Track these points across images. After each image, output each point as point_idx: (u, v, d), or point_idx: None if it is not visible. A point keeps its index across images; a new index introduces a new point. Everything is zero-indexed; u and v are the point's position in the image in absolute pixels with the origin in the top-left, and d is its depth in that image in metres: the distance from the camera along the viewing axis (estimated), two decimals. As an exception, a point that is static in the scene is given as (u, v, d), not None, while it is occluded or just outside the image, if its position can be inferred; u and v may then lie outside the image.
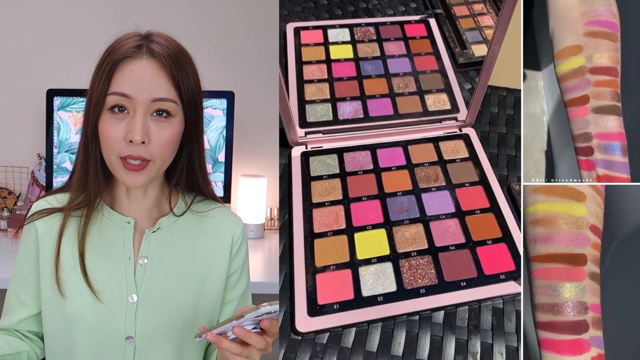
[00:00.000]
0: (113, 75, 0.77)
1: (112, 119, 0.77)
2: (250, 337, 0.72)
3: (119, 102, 0.77)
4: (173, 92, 0.79)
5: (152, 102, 0.77)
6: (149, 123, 0.78)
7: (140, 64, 0.78)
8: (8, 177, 1.77)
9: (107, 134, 0.77)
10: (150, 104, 0.77)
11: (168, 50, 0.79)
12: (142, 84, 0.77)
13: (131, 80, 0.77)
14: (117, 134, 0.77)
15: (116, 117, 0.77)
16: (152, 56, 0.78)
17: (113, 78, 0.77)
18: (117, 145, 0.77)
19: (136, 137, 0.76)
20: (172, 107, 0.79)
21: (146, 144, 0.77)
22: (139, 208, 0.85)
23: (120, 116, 0.77)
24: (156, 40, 0.80)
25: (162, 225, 0.86)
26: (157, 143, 0.78)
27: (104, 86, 0.77)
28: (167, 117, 0.79)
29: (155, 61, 0.78)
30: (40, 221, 0.84)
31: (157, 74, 0.78)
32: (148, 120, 0.78)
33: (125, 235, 0.84)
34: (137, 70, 0.77)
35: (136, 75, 0.77)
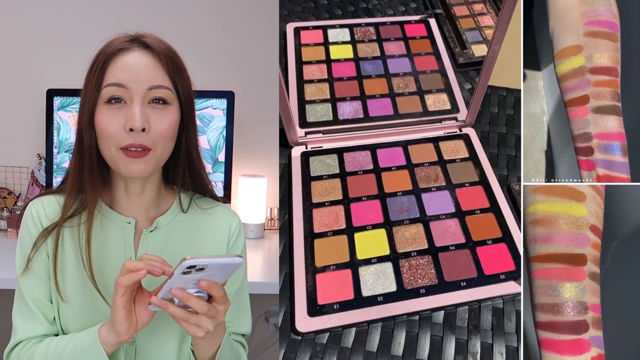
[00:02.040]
0: (107, 68, 0.78)
1: (109, 110, 0.77)
2: (189, 299, 0.70)
3: (115, 93, 0.77)
4: (168, 80, 0.80)
5: (148, 90, 0.78)
6: (147, 111, 0.78)
7: (133, 55, 0.79)
8: (8, 177, 1.77)
9: (105, 125, 0.77)
10: (147, 92, 0.78)
11: (160, 44, 0.81)
12: (137, 73, 0.78)
13: (126, 70, 0.78)
14: (116, 124, 0.77)
15: (113, 108, 0.77)
16: (145, 47, 0.79)
17: (107, 70, 0.78)
18: (117, 135, 0.77)
19: (136, 124, 0.76)
20: (168, 95, 0.79)
21: (146, 131, 0.77)
22: (137, 207, 0.85)
23: (117, 107, 0.77)
24: (148, 37, 0.81)
25: (159, 224, 0.86)
26: (157, 130, 0.78)
27: (98, 80, 0.78)
28: (164, 104, 0.79)
29: (149, 52, 0.79)
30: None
31: (152, 64, 0.79)
32: (146, 108, 0.78)
33: (126, 235, 0.84)
34: (131, 61, 0.78)
35: (130, 66, 0.78)
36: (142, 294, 0.75)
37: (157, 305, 0.71)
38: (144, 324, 0.75)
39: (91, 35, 0.82)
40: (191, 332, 0.72)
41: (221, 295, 0.72)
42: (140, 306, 0.75)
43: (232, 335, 0.87)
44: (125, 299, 0.73)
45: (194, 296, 0.70)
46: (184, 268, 0.67)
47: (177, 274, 0.67)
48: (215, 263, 0.68)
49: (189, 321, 0.71)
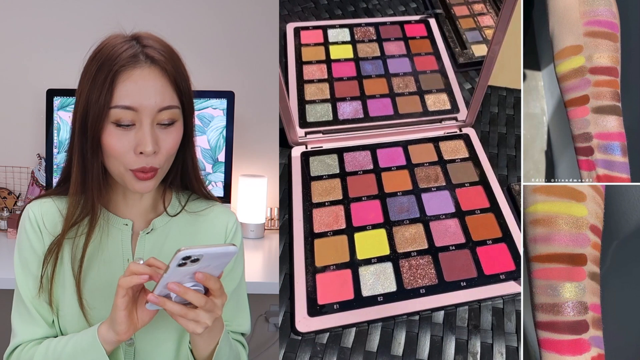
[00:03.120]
0: (115, 88, 0.75)
1: (118, 131, 0.76)
2: (187, 292, 0.69)
3: (125, 116, 0.75)
4: (176, 98, 0.78)
5: (158, 112, 0.76)
6: (156, 132, 0.77)
7: (142, 73, 0.76)
8: (8, 177, 1.77)
9: (113, 147, 0.76)
10: (157, 114, 0.76)
11: (164, 53, 0.78)
12: (147, 95, 0.75)
13: (135, 91, 0.75)
14: (125, 145, 0.76)
15: (122, 129, 0.76)
16: (152, 63, 0.77)
17: (115, 90, 0.75)
18: (126, 157, 0.76)
19: (147, 148, 0.75)
20: (176, 114, 0.78)
21: (157, 154, 0.77)
22: (136, 210, 0.85)
23: (126, 128, 0.76)
24: (149, 44, 0.78)
25: (156, 225, 0.85)
26: (165, 149, 0.78)
27: (106, 99, 0.75)
28: (172, 124, 0.78)
29: (156, 68, 0.77)
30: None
31: (160, 82, 0.77)
32: (155, 130, 0.77)
33: (124, 237, 0.84)
34: (139, 81, 0.76)
35: (139, 86, 0.75)
36: (145, 294, 0.75)
37: (154, 302, 0.71)
38: (145, 323, 0.75)
39: (91, 35, 0.81)
40: (190, 329, 0.72)
41: (217, 287, 0.72)
42: (142, 306, 0.75)
43: (231, 334, 0.87)
44: (127, 300, 0.73)
45: (191, 289, 0.70)
46: (179, 260, 0.67)
47: (172, 266, 0.67)
48: (209, 253, 0.68)
49: (187, 317, 0.71)
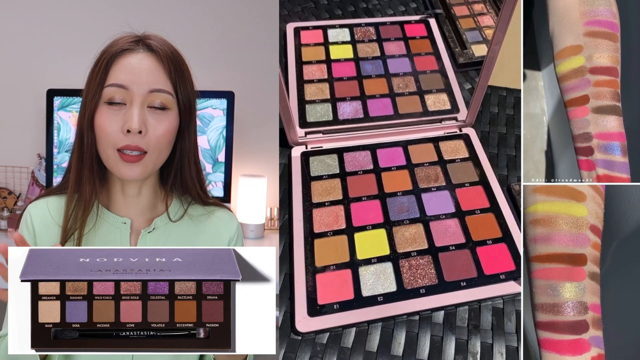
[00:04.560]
0: (110, 68, 0.78)
1: (109, 111, 0.78)
2: None
3: (115, 94, 0.77)
4: (169, 85, 0.80)
5: (148, 93, 0.78)
6: (146, 114, 0.78)
7: (137, 56, 0.79)
8: (8, 177, 1.77)
9: (103, 126, 0.78)
10: (147, 95, 0.78)
11: (165, 47, 0.81)
12: (139, 75, 0.78)
13: (128, 71, 0.78)
14: (114, 125, 0.77)
15: (113, 109, 0.78)
16: (149, 50, 0.79)
17: (110, 70, 0.78)
18: (114, 136, 0.77)
19: (133, 126, 0.77)
20: (168, 100, 0.79)
21: (143, 134, 0.78)
22: (134, 208, 0.85)
23: (117, 108, 0.78)
24: (153, 38, 0.82)
25: (157, 225, 0.85)
26: (154, 134, 0.78)
27: (101, 79, 0.78)
28: (163, 109, 0.79)
29: (153, 54, 0.79)
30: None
31: (155, 66, 0.79)
32: (145, 111, 0.78)
33: (122, 235, 0.84)
34: (134, 62, 0.78)
35: (133, 67, 0.78)
36: None
37: None
38: None
39: (91, 36, 0.82)
40: None
41: None
42: None
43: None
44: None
45: None
46: None
47: None
48: None
49: None
